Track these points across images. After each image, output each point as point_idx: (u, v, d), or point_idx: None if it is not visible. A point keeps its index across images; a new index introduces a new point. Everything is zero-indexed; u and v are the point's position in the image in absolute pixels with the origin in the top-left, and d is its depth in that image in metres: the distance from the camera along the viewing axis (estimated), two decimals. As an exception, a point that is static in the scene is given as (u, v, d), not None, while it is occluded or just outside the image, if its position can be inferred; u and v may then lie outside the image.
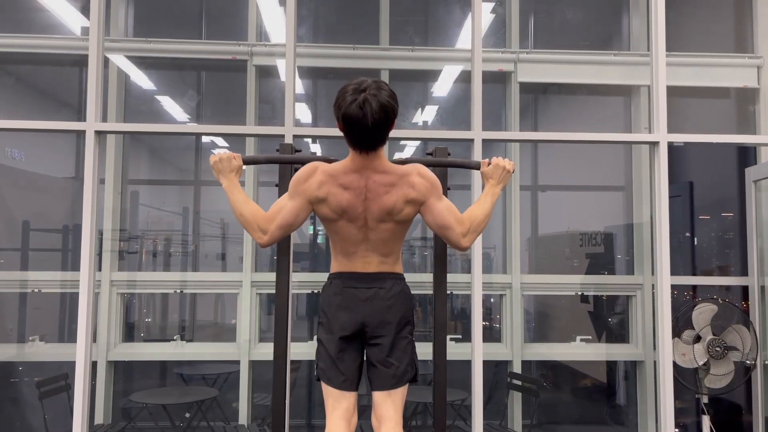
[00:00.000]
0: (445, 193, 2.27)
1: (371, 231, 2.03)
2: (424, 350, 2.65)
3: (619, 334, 4.85)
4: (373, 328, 2.04)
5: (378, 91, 1.88)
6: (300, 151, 2.62)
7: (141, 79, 5.09)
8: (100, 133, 3.30)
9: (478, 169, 2.27)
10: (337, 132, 2.00)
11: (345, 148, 2.05)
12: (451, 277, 4.91)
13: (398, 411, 2.06)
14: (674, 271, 3.42)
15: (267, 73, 4.82)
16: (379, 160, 2.00)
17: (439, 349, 2.49)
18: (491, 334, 4.92)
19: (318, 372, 2.12)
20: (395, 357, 2.05)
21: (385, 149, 2.08)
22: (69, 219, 4.96)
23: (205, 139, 5.59)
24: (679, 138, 3.49)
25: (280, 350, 2.55)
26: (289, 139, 3.27)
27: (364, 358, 2.11)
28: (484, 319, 5.14)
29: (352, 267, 2.07)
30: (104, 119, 3.54)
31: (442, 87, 5.32)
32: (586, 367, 5.19)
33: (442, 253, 2.54)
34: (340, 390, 2.05)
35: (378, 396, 2.07)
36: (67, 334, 4.72)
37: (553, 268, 5.44)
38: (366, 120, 1.86)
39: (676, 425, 4.60)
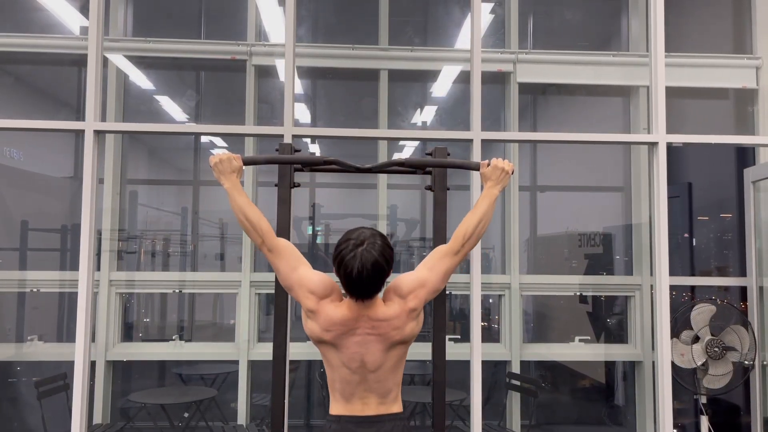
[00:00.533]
0: (445, 191, 2.27)
1: (369, 374, 2.01)
2: (423, 350, 2.65)
3: (617, 334, 4.86)
4: None
5: (373, 243, 1.92)
6: (299, 150, 2.62)
7: (140, 79, 5.09)
8: (99, 133, 3.30)
9: (478, 170, 2.27)
10: (336, 132, 2.01)
11: (344, 148, 2.05)
12: (450, 277, 4.94)
13: None
14: (673, 272, 3.43)
15: (266, 73, 4.82)
16: (374, 308, 1.99)
17: (438, 350, 2.50)
18: (490, 335, 4.93)
19: None
20: None
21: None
22: (68, 219, 4.96)
23: (204, 139, 5.59)
24: (678, 139, 3.49)
25: (280, 351, 2.55)
26: (288, 139, 3.27)
27: None
28: (483, 320, 5.16)
29: (351, 410, 2.04)
30: (103, 119, 3.54)
31: (442, 87, 5.32)
32: (584, 367, 5.19)
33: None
34: None
35: None
36: (66, 334, 4.72)
37: (553, 269, 5.45)
38: (362, 276, 1.88)
39: (675, 426, 4.60)
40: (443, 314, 2.55)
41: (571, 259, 5.33)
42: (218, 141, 6.04)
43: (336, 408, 2.05)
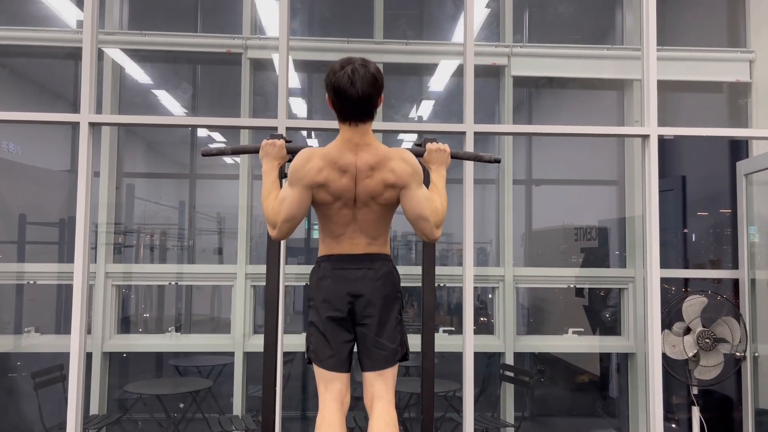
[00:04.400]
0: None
1: (359, 211, 2.06)
2: (417, 342, 2.68)
3: (613, 328, 4.89)
4: (363, 308, 2.07)
5: (365, 62, 2.00)
6: (291, 141, 2.63)
7: (136, 72, 5.11)
8: (94, 125, 3.32)
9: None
10: (331, 124, 2.04)
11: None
12: (446, 270, 4.97)
13: (390, 390, 2.09)
14: (666, 265, 3.45)
15: (261, 66, 4.83)
16: (368, 136, 2.04)
17: (427, 338, 2.53)
18: (487, 328, 4.96)
19: (309, 355, 2.14)
20: (385, 336, 2.08)
21: (374, 131, 2.11)
22: (65, 212, 4.98)
23: (201, 133, 5.61)
24: (670, 131, 3.51)
25: (271, 340, 2.58)
26: (282, 131, 3.29)
27: (355, 340, 2.13)
28: (481, 315, 5.19)
29: (340, 249, 2.10)
30: (99, 112, 3.56)
31: (438, 81, 5.34)
32: (578, 359, 5.22)
33: (431, 244, 2.57)
34: (333, 371, 2.08)
35: (369, 377, 2.10)
36: (63, 326, 4.74)
37: (550, 265, 5.46)
38: (354, 88, 1.94)
39: (672, 421, 4.65)
40: (433, 304, 2.58)
41: (569, 254, 5.35)
42: (216, 136, 6.06)
43: (325, 249, 2.12)
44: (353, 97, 1.96)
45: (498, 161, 2.44)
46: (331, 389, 2.07)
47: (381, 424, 2.02)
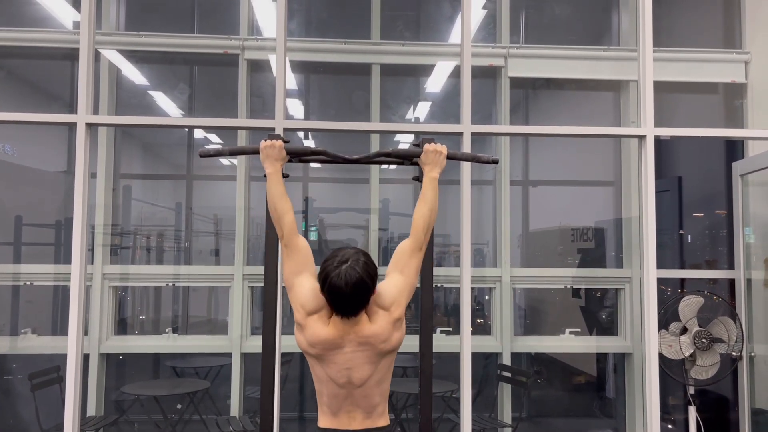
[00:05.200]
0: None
1: (355, 390, 2.04)
2: (415, 343, 2.68)
3: (609, 329, 4.90)
4: None
5: (356, 263, 1.94)
6: (288, 141, 2.63)
7: (132, 73, 5.10)
8: (90, 126, 3.32)
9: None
10: (328, 125, 2.03)
11: (337, 144, 2.07)
12: (443, 271, 4.97)
13: None
14: (662, 265, 3.46)
15: (259, 67, 4.83)
16: (360, 324, 2.01)
17: (426, 340, 2.53)
18: (484, 328, 4.96)
19: None
20: None
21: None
22: (61, 213, 4.97)
23: (198, 134, 5.61)
24: (666, 132, 3.52)
25: (269, 341, 2.58)
26: (279, 132, 3.29)
27: None
28: (479, 316, 5.19)
29: (338, 424, 2.07)
30: (95, 112, 3.55)
31: (436, 82, 5.35)
32: (575, 360, 5.23)
33: (429, 245, 2.57)
34: None
35: None
36: (60, 327, 4.73)
37: (547, 265, 5.47)
38: (346, 292, 1.90)
39: (670, 421, 4.66)
40: (430, 305, 2.58)
41: (566, 255, 5.36)
42: (213, 137, 6.05)
43: (324, 421, 2.10)
44: (347, 300, 1.93)
45: (496, 162, 2.45)
46: None
47: None
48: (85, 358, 4.26)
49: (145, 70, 5.17)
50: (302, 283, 2.04)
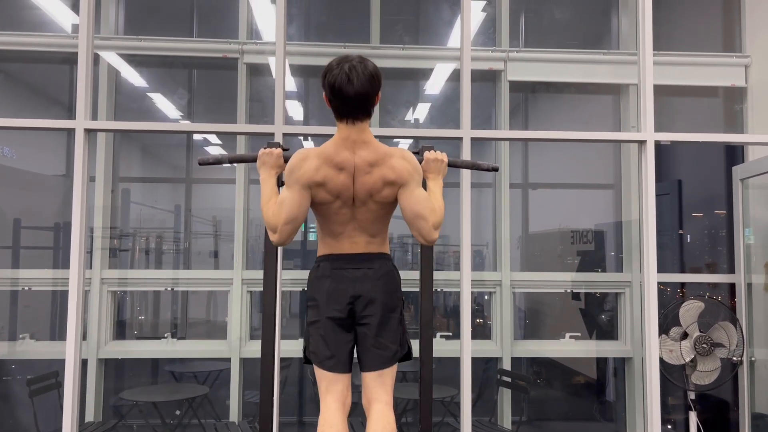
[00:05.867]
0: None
1: (358, 210, 2.05)
2: (415, 347, 2.67)
3: (609, 332, 4.89)
4: (363, 307, 2.06)
5: (363, 60, 1.99)
6: (287, 149, 2.63)
7: (132, 77, 5.09)
8: (89, 131, 3.30)
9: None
10: (328, 130, 2.03)
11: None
12: (443, 275, 4.96)
13: (388, 392, 2.08)
14: (663, 268, 3.45)
15: (258, 71, 4.82)
16: (365, 133, 2.03)
17: (426, 346, 2.52)
18: (484, 332, 4.95)
19: (308, 355, 2.12)
20: (385, 336, 2.07)
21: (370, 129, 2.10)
22: (60, 217, 4.96)
23: (196, 137, 5.59)
24: (666, 137, 3.51)
25: (268, 348, 2.57)
26: (279, 137, 3.28)
27: (355, 340, 2.12)
28: (478, 317, 5.18)
29: (340, 248, 2.09)
30: (94, 117, 3.55)
31: (434, 86, 5.34)
32: (575, 364, 5.22)
33: (429, 251, 2.56)
34: (333, 372, 2.07)
35: (368, 377, 2.09)
36: (58, 332, 4.72)
37: (546, 267, 5.47)
38: (352, 86, 1.93)
39: (669, 422, 4.65)
40: (431, 310, 2.57)
41: (565, 256, 5.35)
42: (212, 138, 6.04)
43: (324, 249, 2.11)
44: (351, 94, 1.95)
45: (496, 169, 2.44)
46: (332, 390, 2.07)
47: (378, 427, 2.01)
48: (84, 363, 4.24)
49: (144, 73, 5.15)
50: (291, 194, 2.02)
